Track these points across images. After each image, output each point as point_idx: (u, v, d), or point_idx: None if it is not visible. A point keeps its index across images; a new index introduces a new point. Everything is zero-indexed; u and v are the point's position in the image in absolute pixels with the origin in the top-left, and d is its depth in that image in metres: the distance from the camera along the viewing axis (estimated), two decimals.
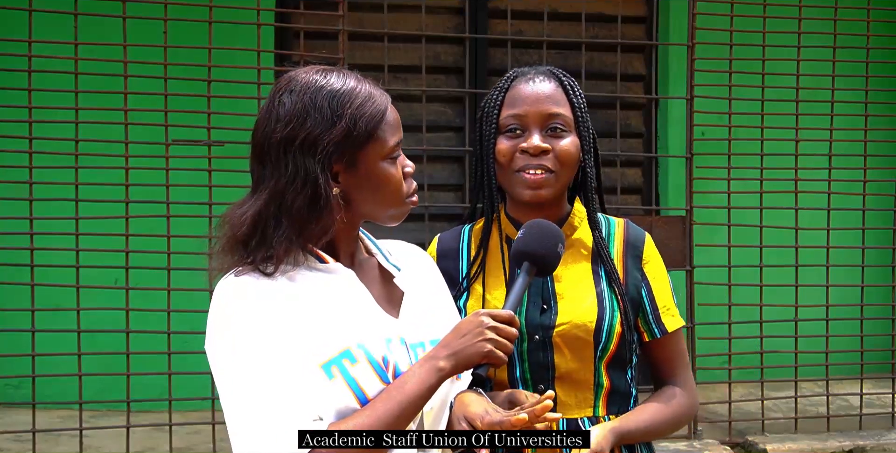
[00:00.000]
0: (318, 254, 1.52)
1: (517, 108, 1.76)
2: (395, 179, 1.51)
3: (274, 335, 1.39)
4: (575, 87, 1.81)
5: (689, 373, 1.84)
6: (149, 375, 3.67)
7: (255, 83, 3.71)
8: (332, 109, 1.45)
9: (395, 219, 1.56)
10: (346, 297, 1.50)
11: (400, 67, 4.56)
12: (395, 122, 1.51)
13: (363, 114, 1.47)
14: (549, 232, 1.62)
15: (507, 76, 1.83)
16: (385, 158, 1.50)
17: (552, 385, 1.72)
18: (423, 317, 1.55)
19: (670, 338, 1.81)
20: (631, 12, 4.97)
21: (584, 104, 1.80)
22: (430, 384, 1.41)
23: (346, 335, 1.45)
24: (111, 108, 3.59)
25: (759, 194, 4.24)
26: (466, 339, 1.43)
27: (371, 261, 1.61)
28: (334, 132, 1.44)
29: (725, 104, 4.22)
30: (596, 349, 1.72)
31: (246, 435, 1.36)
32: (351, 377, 1.42)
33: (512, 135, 1.76)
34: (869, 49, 4.40)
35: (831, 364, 4.32)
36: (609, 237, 1.82)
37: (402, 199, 1.53)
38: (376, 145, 1.48)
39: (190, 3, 3.70)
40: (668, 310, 1.81)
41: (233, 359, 1.39)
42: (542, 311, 1.74)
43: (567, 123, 1.76)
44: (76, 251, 3.53)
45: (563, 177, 1.76)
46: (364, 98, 1.48)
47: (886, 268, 4.50)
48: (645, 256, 1.81)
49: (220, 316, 1.42)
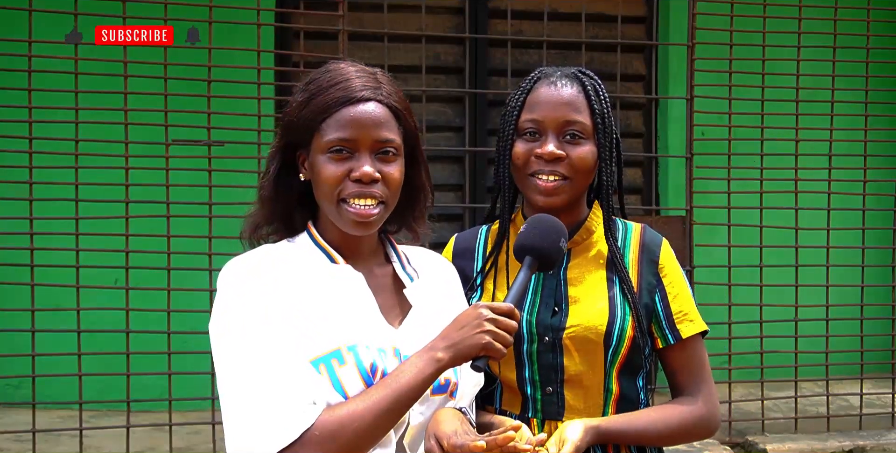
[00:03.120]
0: (331, 253, 1.53)
1: (535, 113, 1.75)
2: (325, 176, 1.48)
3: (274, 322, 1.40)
4: (599, 91, 1.78)
5: (709, 383, 1.78)
6: (149, 375, 3.67)
7: (255, 83, 3.71)
8: (298, 97, 1.53)
9: (339, 223, 1.51)
10: (349, 300, 1.50)
11: (400, 67, 4.55)
12: (346, 120, 1.48)
13: (310, 104, 1.50)
14: (552, 227, 1.60)
15: (532, 76, 1.81)
16: (323, 152, 1.49)
17: (560, 387, 1.71)
18: (426, 331, 1.52)
19: (686, 345, 1.77)
20: (631, 12, 4.97)
21: (607, 109, 1.78)
22: (426, 374, 1.40)
23: (339, 336, 1.44)
24: (111, 108, 3.58)
25: (759, 194, 4.24)
26: (465, 331, 1.41)
27: (386, 268, 1.61)
28: (288, 117, 1.53)
29: (725, 104, 4.22)
30: (606, 353, 1.71)
31: (241, 417, 1.36)
32: (336, 377, 1.41)
33: (529, 139, 1.75)
34: (869, 49, 4.40)
35: (831, 364, 4.32)
36: (625, 242, 1.81)
37: (332, 200, 1.49)
38: (318, 137, 1.50)
39: (190, 3, 3.70)
40: (685, 315, 1.78)
41: (232, 343, 1.40)
42: (553, 313, 1.73)
43: (584, 130, 1.74)
44: (76, 251, 3.53)
45: (578, 183, 1.75)
46: (321, 89, 1.51)
47: (886, 268, 4.50)
48: (661, 261, 1.80)
49: (224, 297, 1.45)
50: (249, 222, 1.58)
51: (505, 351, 1.42)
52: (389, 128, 1.50)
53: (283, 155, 1.55)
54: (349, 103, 1.48)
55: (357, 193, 1.47)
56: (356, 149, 1.48)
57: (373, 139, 1.48)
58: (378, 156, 1.49)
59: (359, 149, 1.48)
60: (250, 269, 1.46)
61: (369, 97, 1.49)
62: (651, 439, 1.72)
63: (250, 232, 1.58)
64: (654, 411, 1.74)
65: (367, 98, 1.49)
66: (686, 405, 1.74)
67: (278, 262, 1.48)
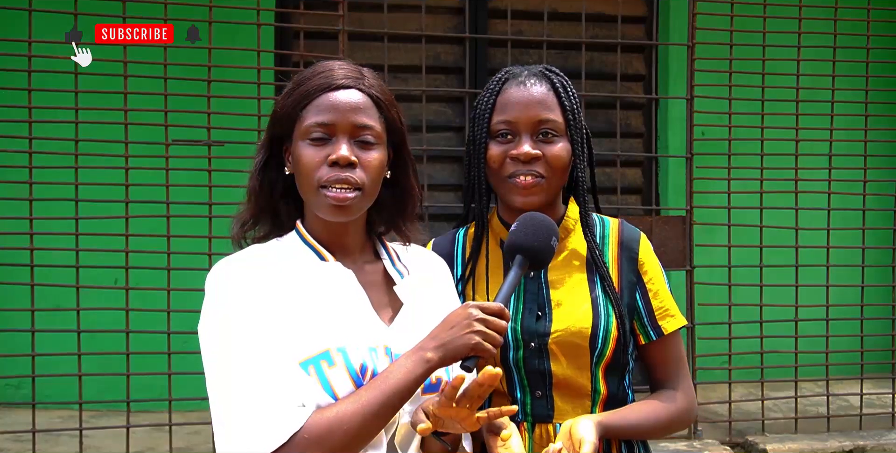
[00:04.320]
0: (319, 250, 1.52)
1: (507, 114, 1.74)
2: (304, 162, 1.48)
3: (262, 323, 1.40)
4: (567, 88, 1.77)
5: (688, 377, 1.81)
6: (149, 375, 3.67)
7: (255, 83, 3.71)
8: (284, 91, 1.54)
9: (318, 211, 1.50)
10: (340, 298, 1.49)
11: (400, 67, 4.56)
12: (325, 105, 1.48)
13: (293, 94, 1.51)
14: (543, 225, 1.59)
15: (499, 77, 1.80)
16: (303, 138, 1.49)
17: (550, 391, 1.71)
18: (418, 328, 1.50)
19: (667, 341, 1.78)
20: (631, 12, 4.97)
21: (577, 106, 1.77)
22: (416, 375, 1.39)
23: (329, 336, 1.44)
24: (111, 108, 3.59)
25: (759, 194, 4.24)
26: (454, 331, 1.41)
27: (376, 265, 1.60)
28: (276, 109, 1.53)
29: (725, 104, 4.22)
30: (592, 355, 1.71)
31: (229, 420, 1.36)
32: (325, 378, 1.41)
33: (503, 141, 1.74)
34: (869, 49, 4.40)
35: (831, 364, 4.32)
36: (604, 238, 1.80)
37: (311, 186, 1.48)
38: (298, 124, 1.50)
39: (190, 3, 3.70)
40: (666, 311, 1.78)
41: (220, 345, 1.40)
42: (537, 318, 1.72)
43: (558, 128, 1.73)
44: (76, 251, 3.53)
45: (555, 181, 1.74)
46: (304, 79, 1.51)
47: (886, 268, 4.49)
48: (640, 257, 1.79)
49: (212, 298, 1.45)
50: (237, 218, 1.58)
51: (494, 352, 1.41)
52: (369, 115, 1.50)
53: (269, 148, 1.55)
54: (329, 89, 1.48)
55: (334, 178, 1.46)
56: (333, 133, 1.48)
57: (351, 123, 1.48)
58: (357, 143, 1.49)
59: (336, 133, 1.48)
60: (237, 271, 1.45)
61: (350, 85, 1.49)
62: (642, 432, 1.73)
63: (238, 228, 1.58)
64: (643, 405, 1.75)
65: (348, 85, 1.49)
66: (670, 399, 1.76)
67: (266, 262, 1.48)
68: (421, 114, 3.98)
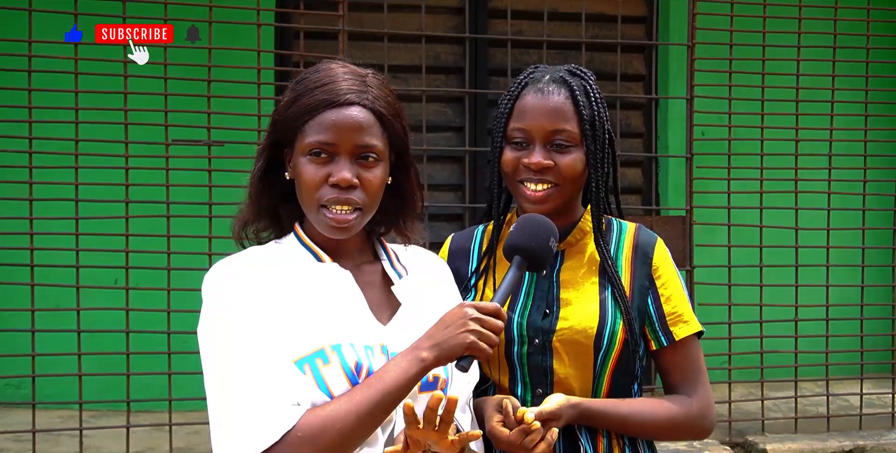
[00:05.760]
0: (317, 252, 1.53)
1: (522, 122, 1.74)
2: (305, 179, 1.49)
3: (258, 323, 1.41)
4: (590, 93, 1.76)
5: (705, 385, 1.77)
6: (149, 375, 3.67)
7: (255, 83, 3.71)
8: (286, 96, 1.54)
9: (318, 227, 1.52)
10: (337, 298, 1.50)
11: (400, 67, 4.56)
12: (327, 124, 1.47)
13: (295, 104, 1.50)
14: (542, 226, 1.60)
15: (520, 81, 1.79)
16: (304, 154, 1.49)
17: (550, 389, 1.71)
18: (416, 328, 1.50)
19: (680, 347, 1.76)
20: (631, 12, 4.96)
21: (598, 113, 1.75)
22: (411, 374, 1.40)
23: (324, 335, 1.44)
24: (111, 108, 3.58)
25: (759, 194, 4.24)
26: (450, 331, 1.41)
27: (375, 266, 1.61)
28: (276, 115, 1.54)
29: (725, 104, 4.22)
30: (596, 356, 1.70)
31: (224, 418, 1.37)
32: (321, 377, 1.41)
33: (517, 147, 1.75)
34: (869, 49, 4.40)
35: (831, 364, 4.32)
36: (619, 243, 1.80)
37: (313, 204, 1.49)
38: (300, 138, 1.50)
39: (190, 3, 3.70)
40: (679, 316, 1.76)
41: (217, 345, 1.41)
42: (544, 315, 1.73)
43: (571, 138, 1.73)
44: (76, 251, 3.53)
45: (567, 189, 1.74)
46: (307, 90, 1.50)
47: (886, 268, 4.49)
48: (655, 262, 1.78)
49: (210, 299, 1.46)
50: (238, 218, 1.59)
51: (490, 351, 1.41)
52: (371, 134, 1.49)
53: (270, 151, 1.56)
54: (332, 106, 1.48)
55: (335, 200, 1.47)
56: (336, 152, 1.48)
57: (353, 144, 1.48)
58: (358, 161, 1.49)
59: (339, 153, 1.48)
60: (234, 272, 1.46)
61: (353, 101, 1.48)
62: (634, 427, 1.71)
63: (239, 228, 1.59)
64: (642, 401, 1.74)
65: (351, 102, 1.48)
66: (678, 402, 1.74)
67: (263, 263, 1.49)
68: (421, 114, 3.98)
